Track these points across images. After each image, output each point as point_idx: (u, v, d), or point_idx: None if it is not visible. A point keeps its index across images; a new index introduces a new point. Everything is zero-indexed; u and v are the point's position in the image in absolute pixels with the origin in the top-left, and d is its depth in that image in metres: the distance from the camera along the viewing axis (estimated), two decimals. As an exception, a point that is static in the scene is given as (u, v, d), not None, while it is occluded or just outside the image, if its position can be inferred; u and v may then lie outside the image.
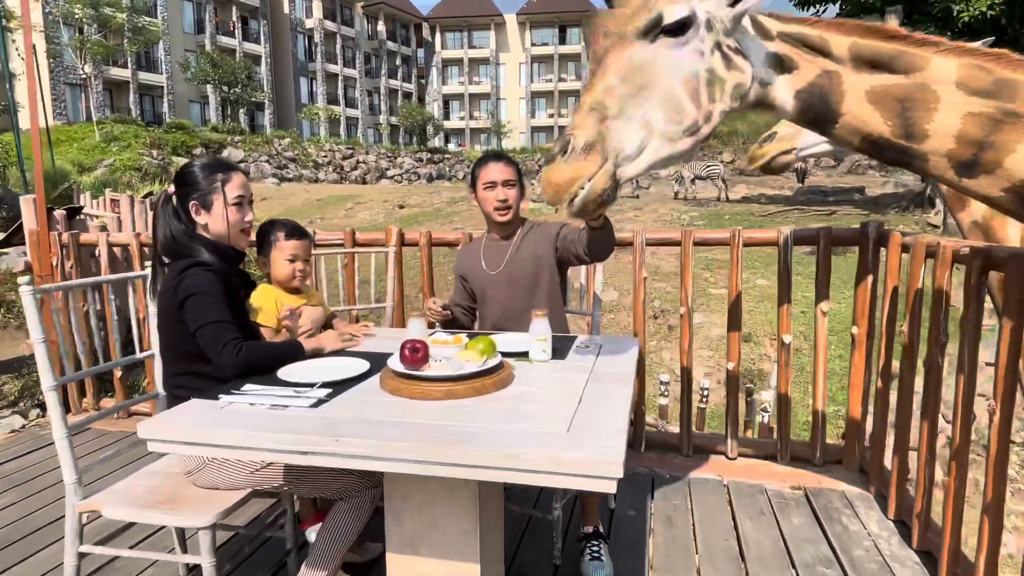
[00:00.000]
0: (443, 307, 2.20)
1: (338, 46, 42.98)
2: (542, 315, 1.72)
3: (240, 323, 1.74)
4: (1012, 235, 2.05)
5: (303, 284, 2.11)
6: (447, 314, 2.21)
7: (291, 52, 40.06)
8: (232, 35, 36.74)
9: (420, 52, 51.73)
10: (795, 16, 1.27)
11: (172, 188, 1.83)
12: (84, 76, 28.48)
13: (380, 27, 46.79)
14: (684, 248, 2.79)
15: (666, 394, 4.90)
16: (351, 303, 3.15)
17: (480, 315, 2.39)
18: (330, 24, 42.12)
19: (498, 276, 2.27)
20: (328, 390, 1.43)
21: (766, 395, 4.93)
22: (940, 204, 13.33)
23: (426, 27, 51.10)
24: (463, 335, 1.71)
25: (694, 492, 2.63)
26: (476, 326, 2.43)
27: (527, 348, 1.73)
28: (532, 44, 49.22)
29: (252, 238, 1.99)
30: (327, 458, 1.16)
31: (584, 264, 2.32)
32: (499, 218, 2.25)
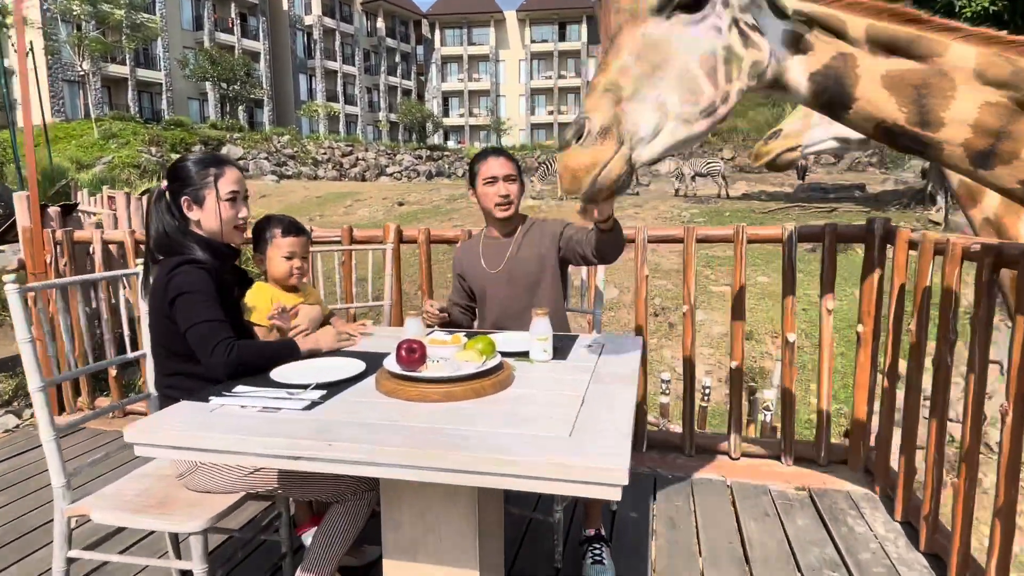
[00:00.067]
0: (440, 310, 2.15)
1: (337, 43, 42.86)
2: (543, 314, 1.67)
3: (233, 322, 1.70)
4: (1024, 231, 2.00)
5: (300, 282, 2.06)
6: (444, 317, 2.17)
7: (290, 49, 39.95)
8: (231, 32, 36.63)
9: (419, 49, 51.61)
10: None
11: (165, 183, 1.79)
12: (82, 73, 28.39)
13: (379, 24, 46.66)
14: (687, 245, 2.75)
15: (667, 392, 4.87)
16: (348, 301, 3.11)
17: (479, 314, 2.34)
18: (329, 21, 42.01)
19: (498, 274, 2.23)
20: (322, 392, 1.39)
21: (768, 393, 4.90)
22: (941, 201, 13.30)
23: (425, 24, 50.98)
24: (461, 334, 1.67)
25: (697, 493, 2.59)
26: (475, 325, 2.39)
27: (527, 348, 1.68)
28: (532, 41, 49.12)
29: (248, 234, 1.95)
30: (319, 463, 1.12)
31: (590, 265, 2.28)
32: (500, 214, 2.21)
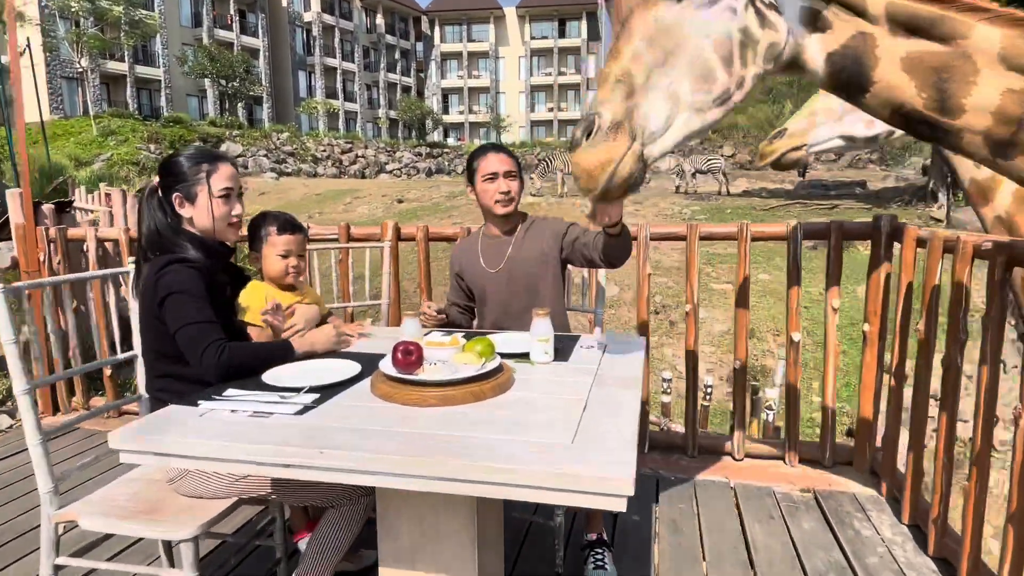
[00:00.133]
0: (438, 311, 2.10)
1: (336, 40, 42.73)
2: (544, 314, 1.62)
3: (226, 323, 1.65)
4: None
5: (297, 281, 2.00)
6: (443, 318, 2.12)
7: (289, 46, 39.83)
8: (230, 29, 36.50)
9: (419, 46, 51.47)
10: None
11: (157, 179, 1.74)
12: (81, 70, 28.31)
13: (379, 20, 46.52)
14: (690, 243, 2.70)
15: (668, 391, 4.82)
16: (346, 300, 3.06)
17: (478, 313, 2.29)
18: (328, 17, 41.87)
19: (498, 274, 2.17)
20: (315, 395, 1.34)
21: (770, 392, 4.85)
22: (943, 198, 13.25)
23: (425, 20, 50.84)
24: (460, 336, 1.62)
25: (700, 495, 2.54)
26: (474, 324, 2.34)
27: (528, 349, 1.64)
28: (531, 37, 48.99)
29: (243, 232, 1.90)
30: (311, 471, 1.08)
31: (596, 268, 2.22)
32: (501, 211, 2.15)
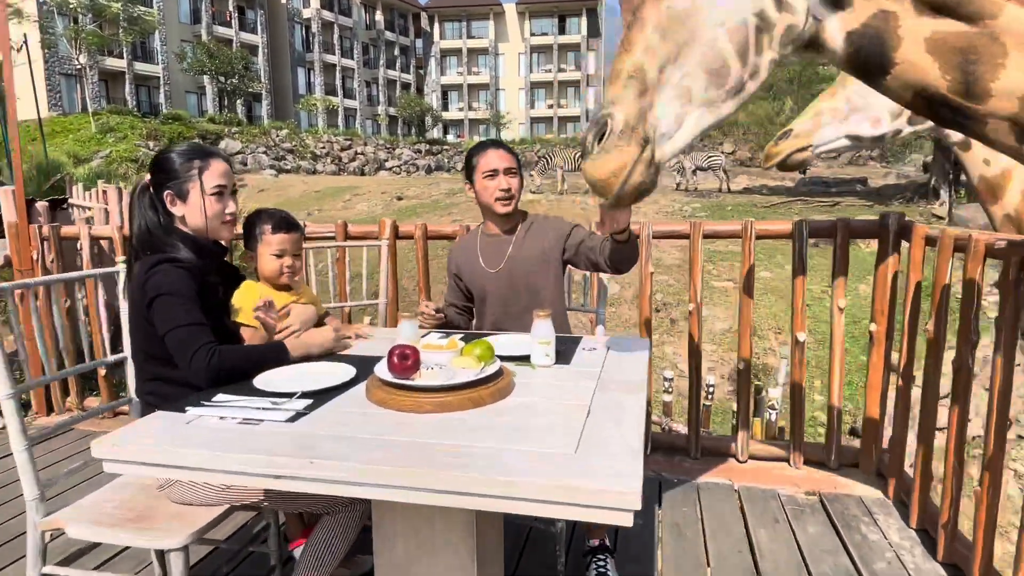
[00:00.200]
0: (437, 310, 2.05)
1: (336, 36, 42.58)
2: (545, 316, 1.57)
3: (218, 325, 1.60)
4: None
5: (293, 280, 1.94)
6: (441, 318, 2.06)
7: (288, 42, 39.68)
8: (229, 25, 36.36)
9: (418, 42, 51.31)
10: None
11: (148, 177, 1.69)
12: (79, 66, 28.19)
13: (378, 17, 46.36)
14: (693, 241, 2.65)
15: (670, 391, 4.77)
16: (343, 299, 3.01)
17: (477, 314, 2.24)
18: (327, 14, 41.73)
19: (498, 274, 2.12)
20: (308, 401, 1.29)
21: (773, 392, 4.81)
22: (945, 195, 13.20)
23: (424, 17, 50.68)
24: (458, 338, 1.57)
25: (704, 498, 2.50)
26: (473, 325, 2.29)
27: (528, 351, 1.59)
28: (531, 34, 48.84)
29: (237, 230, 1.84)
30: (302, 482, 1.03)
31: (600, 272, 2.15)
32: (501, 209, 2.10)
